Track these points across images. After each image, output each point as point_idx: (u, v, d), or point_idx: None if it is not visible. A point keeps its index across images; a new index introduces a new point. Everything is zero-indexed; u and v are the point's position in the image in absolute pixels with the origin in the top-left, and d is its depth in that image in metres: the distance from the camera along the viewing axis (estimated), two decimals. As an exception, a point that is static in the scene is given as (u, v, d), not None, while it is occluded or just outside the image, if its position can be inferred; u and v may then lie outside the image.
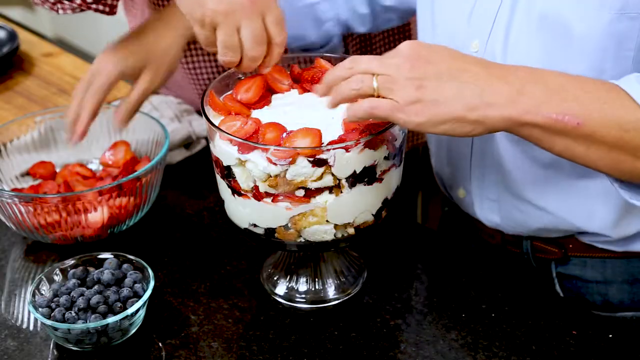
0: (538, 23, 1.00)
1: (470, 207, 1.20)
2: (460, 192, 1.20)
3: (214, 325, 1.07)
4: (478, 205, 1.18)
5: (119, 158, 1.28)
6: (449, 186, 1.24)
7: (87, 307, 1.02)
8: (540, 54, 1.01)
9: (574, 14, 0.97)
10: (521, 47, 1.03)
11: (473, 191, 1.17)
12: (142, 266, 1.07)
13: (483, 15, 1.06)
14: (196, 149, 1.41)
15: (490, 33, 1.05)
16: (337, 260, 1.12)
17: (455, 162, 1.19)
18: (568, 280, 1.19)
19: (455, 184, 1.21)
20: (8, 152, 1.29)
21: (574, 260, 1.17)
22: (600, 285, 1.17)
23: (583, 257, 1.17)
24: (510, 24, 1.03)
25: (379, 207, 1.01)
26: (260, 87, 1.04)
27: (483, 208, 1.18)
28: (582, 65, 0.98)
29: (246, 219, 1.02)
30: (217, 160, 1.01)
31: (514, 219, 1.16)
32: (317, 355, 1.02)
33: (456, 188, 1.21)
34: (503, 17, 1.04)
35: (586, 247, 1.15)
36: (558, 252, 1.17)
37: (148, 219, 1.24)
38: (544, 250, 1.18)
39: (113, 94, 1.53)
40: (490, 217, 1.18)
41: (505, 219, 1.17)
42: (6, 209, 1.15)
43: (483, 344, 1.02)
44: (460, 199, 1.21)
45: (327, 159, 0.93)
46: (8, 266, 1.18)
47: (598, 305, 1.18)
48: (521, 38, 1.02)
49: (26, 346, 1.05)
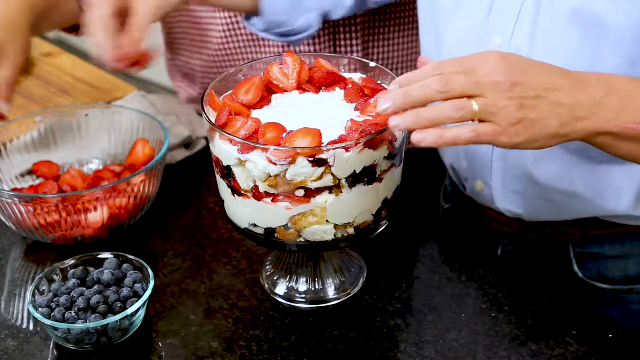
0: (568, 17, 1.00)
1: (487, 199, 1.21)
2: (478, 185, 1.20)
3: (214, 325, 1.07)
4: (499, 197, 1.18)
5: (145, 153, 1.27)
6: (464, 179, 1.24)
7: (87, 307, 1.02)
8: (570, 47, 1.01)
9: (607, 8, 0.98)
10: (549, 41, 1.03)
11: (494, 184, 1.18)
12: (142, 266, 1.07)
13: (505, 11, 1.06)
14: (196, 149, 1.41)
15: (515, 29, 1.05)
16: (337, 260, 1.12)
17: (473, 156, 1.19)
18: (587, 259, 1.20)
19: (472, 177, 1.21)
20: (8, 152, 1.29)
21: (593, 239, 1.19)
22: (620, 261, 1.19)
23: (602, 234, 1.18)
24: (536, 19, 1.03)
25: (379, 207, 1.01)
26: (260, 88, 1.04)
27: (505, 200, 1.18)
28: (616, 58, 1.00)
29: (246, 219, 1.02)
30: (217, 160, 1.01)
31: (539, 208, 1.16)
32: (317, 355, 1.02)
33: (473, 181, 1.21)
34: (528, 13, 1.04)
35: (605, 224, 1.17)
36: (577, 232, 1.19)
37: (148, 219, 1.24)
38: (563, 233, 1.20)
39: (113, 94, 1.54)
40: (512, 208, 1.19)
41: (528, 209, 1.17)
42: (6, 209, 1.15)
43: (483, 344, 1.02)
44: (476, 191, 1.21)
45: (327, 159, 0.93)
46: (8, 266, 1.18)
47: (617, 280, 1.19)
48: (550, 32, 1.03)
49: (26, 346, 1.05)
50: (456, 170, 1.26)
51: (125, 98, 1.50)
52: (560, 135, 0.90)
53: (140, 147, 1.26)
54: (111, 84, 1.59)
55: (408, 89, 0.88)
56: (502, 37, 1.07)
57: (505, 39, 1.07)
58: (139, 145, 1.27)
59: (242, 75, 1.08)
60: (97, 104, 1.39)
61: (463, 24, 1.12)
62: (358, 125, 0.96)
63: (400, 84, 0.89)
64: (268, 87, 1.05)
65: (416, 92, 0.87)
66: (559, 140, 0.91)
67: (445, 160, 1.29)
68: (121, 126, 1.33)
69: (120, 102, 1.48)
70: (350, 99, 1.02)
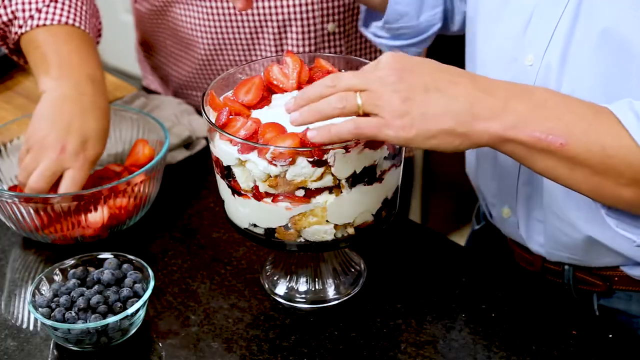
0: (598, 39, 0.97)
1: (513, 228, 1.16)
2: (505, 211, 1.16)
3: (214, 325, 1.07)
4: (523, 225, 1.14)
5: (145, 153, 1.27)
6: (491, 204, 1.20)
7: (87, 307, 1.02)
8: (599, 69, 0.97)
9: (635, 32, 0.94)
10: (580, 62, 0.99)
11: (519, 211, 1.13)
12: (142, 266, 1.07)
13: (540, 29, 1.03)
14: (196, 149, 1.40)
15: (547, 47, 1.02)
16: (337, 260, 1.12)
17: (501, 178, 1.15)
18: (611, 314, 1.15)
19: (500, 201, 1.17)
20: (8, 152, 1.29)
21: (618, 293, 1.13)
22: None
23: (629, 291, 1.12)
24: (569, 39, 0.99)
25: (379, 207, 1.01)
26: (260, 89, 1.04)
27: (529, 229, 1.13)
28: None
29: (246, 219, 1.02)
30: (217, 160, 1.01)
31: (560, 242, 1.11)
32: (317, 355, 1.02)
33: (500, 206, 1.17)
34: (562, 32, 1.00)
35: (633, 281, 1.11)
36: (602, 284, 1.13)
37: (148, 219, 1.24)
38: (586, 282, 1.14)
39: (113, 94, 1.54)
40: (536, 238, 1.14)
41: (550, 242, 1.12)
42: (6, 209, 1.15)
43: (483, 344, 1.02)
44: (503, 219, 1.17)
45: (327, 159, 0.93)
46: (8, 266, 1.18)
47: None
48: (580, 53, 0.99)
49: (26, 346, 1.05)
50: (483, 193, 1.22)
51: (125, 98, 1.50)
52: (458, 133, 0.87)
53: (140, 147, 1.26)
54: (111, 84, 1.58)
55: (304, 90, 0.92)
56: (535, 54, 1.03)
57: (537, 57, 1.03)
58: (139, 145, 1.27)
59: (242, 75, 1.08)
60: (97, 104, 1.38)
61: (500, 39, 1.08)
62: None
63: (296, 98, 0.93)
64: (268, 87, 1.06)
65: (310, 90, 0.91)
66: (460, 141, 0.88)
67: (473, 181, 1.25)
68: (121, 126, 1.33)
69: (120, 102, 1.48)
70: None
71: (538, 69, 1.03)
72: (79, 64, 1.24)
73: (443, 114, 0.87)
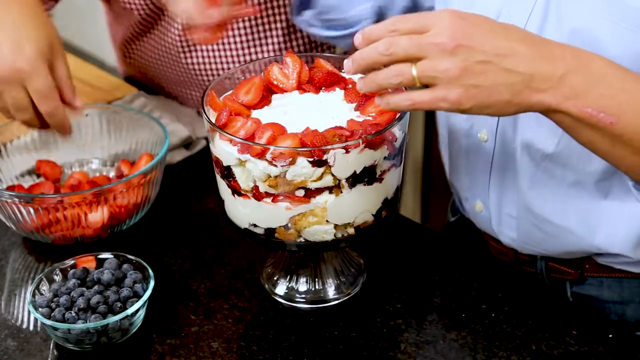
0: (568, 38, 0.96)
1: (486, 222, 1.17)
2: (478, 205, 1.17)
3: (214, 325, 1.07)
4: (496, 220, 1.15)
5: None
6: (464, 198, 1.21)
7: (87, 307, 1.02)
8: None
9: (608, 35, 0.94)
10: None
11: (491, 206, 1.14)
12: (142, 266, 1.07)
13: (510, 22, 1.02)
14: (196, 149, 1.41)
15: None
16: (337, 260, 1.12)
17: (473, 173, 1.16)
18: (584, 300, 1.16)
19: (472, 196, 1.18)
20: (8, 152, 1.29)
21: (590, 280, 1.15)
22: (617, 305, 1.15)
23: (600, 278, 1.14)
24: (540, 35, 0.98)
25: (379, 207, 1.01)
26: (260, 89, 1.04)
27: (501, 224, 1.15)
28: None
29: (246, 219, 1.02)
30: (217, 160, 1.01)
31: (533, 237, 1.13)
32: (317, 355, 1.02)
33: (472, 200, 1.18)
34: (532, 28, 1.00)
35: (603, 268, 1.13)
36: (574, 272, 1.15)
37: (148, 219, 1.24)
38: (558, 271, 1.16)
39: (113, 94, 1.54)
40: (508, 233, 1.15)
41: (522, 236, 1.14)
42: (6, 209, 1.15)
43: (483, 344, 1.02)
44: (476, 212, 1.18)
45: (327, 159, 0.93)
46: (8, 266, 1.18)
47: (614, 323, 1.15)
48: None
49: (26, 346, 1.05)
50: (456, 188, 1.23)
51: (125, 98, 1.50)
52: (514, 103, 0.86)
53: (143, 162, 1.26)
54: (111, 84, 1.58)
55: (363, 51, 0.88)
56: None
57: None
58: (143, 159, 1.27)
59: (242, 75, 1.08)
60: (97, 104, 1.39)
61: None
62: (357, 125, 0.97)
63: (363, 36, 0.89)
64: (268, 87, 1.06)
65: (366, 54, 0.87)
66: (515, 109, 0.87)
67: (447, 175, 1.26)
68: (121, 126, 1.33)
69: (120, 102, 1.48)
70: (350, 99, 1.02)
71: None
72: None
73: (500, 85, 0.85)
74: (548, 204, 1.08)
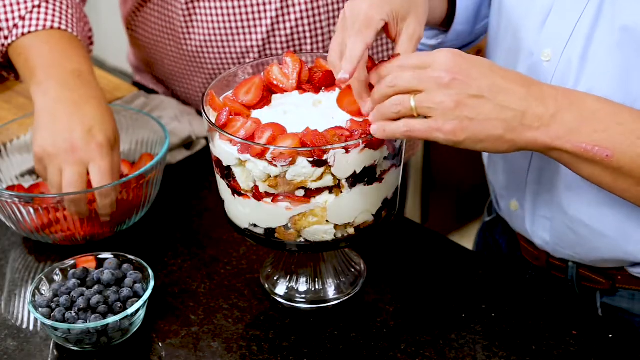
0: (620, 36, 0.97)
1: (520, 221, 1.17)
2: (513, 204, 1.17)
3: (214, 325, 1.07)
4: (529, 220, 1.14)
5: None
6: (500, 195, 1.21)
7: (87, 307, 1.02)
8: (619, 67, 0.97)
9: None
10: (600, 59, 0.99)
11: (526, 205, 1.14)
12: (142, 266, 1.07)
13: (560, 24, 1.02)
14: (196, 149, 1.41)
15: (568, 43, 1.01)
16: (337, 260, 1.12)
17: (510, 172, 1.16)
18: (613, 312, 1.14)
19: (508, 194, 1.17)
20: (8, 152, 1.29)
21: (621, 292, 1.13)
22: None
23: (632, 290, 1.12)
24: (591, 35, 0.99)
25: (379, 207, 1.01)
26: (260, 89, 1.04)
27: (535, 224, 1.14)
28: None
29: (246, 219, 1.02)
30: (217, 160, 1.01)
31: (566, 240, 1.11)
32: (317, 355, 1.02)
33: (508, 199, 1.18)
34: (583, 28, 1.00)
35: (636, 280, 1.11)
36: (605, 282, 1.13)
37: (148, 219, 1.24)
38: (590, 279, 1.14)
39: (113, 94, 1.54)
40: (541, 234, 1.14)
41: (555, 238, 1.12)
42: (6, 209, 1.15)
43: (483, 344, 1.03)
44: (511, 211, 1.18)
45: (327, 159, 0.93)
46: (8, 266, 1.18)
47: None
48: (601, 50, 0.99)
49: (26, 346, 1.05)
50: (493, 185, 1.23)
51: (125, 98, 1.50)
52: (507, 140, 0.90)
53: (143, 162, 1.26)
54: (111, 84, 1.58)
55: (378, 86, 0.94)
56: (553, 50, 1.02)
57: (556, 53, 1.02)
58: (143, 159, 1.27)
59: (242, 75, 1.08)
60: (97, 104, 1.38)
61: (511, 33, 1.08)
62: (357, 125, 0.97)
63: (375, 71, 0.95)
64: (268, 87, 1.06)
65: (377, 91, 0.94)
66: (508, 146, 0.90)
67: (486, 172, 1.26)
68: (121, 126, 1.33)
69: (120, 102, 1.48)
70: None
71: (557, 65, 1.02)
72: (62, 61, 1.20)
73: (493, 120, 0.89)
74: (584, 206, 1.07)
